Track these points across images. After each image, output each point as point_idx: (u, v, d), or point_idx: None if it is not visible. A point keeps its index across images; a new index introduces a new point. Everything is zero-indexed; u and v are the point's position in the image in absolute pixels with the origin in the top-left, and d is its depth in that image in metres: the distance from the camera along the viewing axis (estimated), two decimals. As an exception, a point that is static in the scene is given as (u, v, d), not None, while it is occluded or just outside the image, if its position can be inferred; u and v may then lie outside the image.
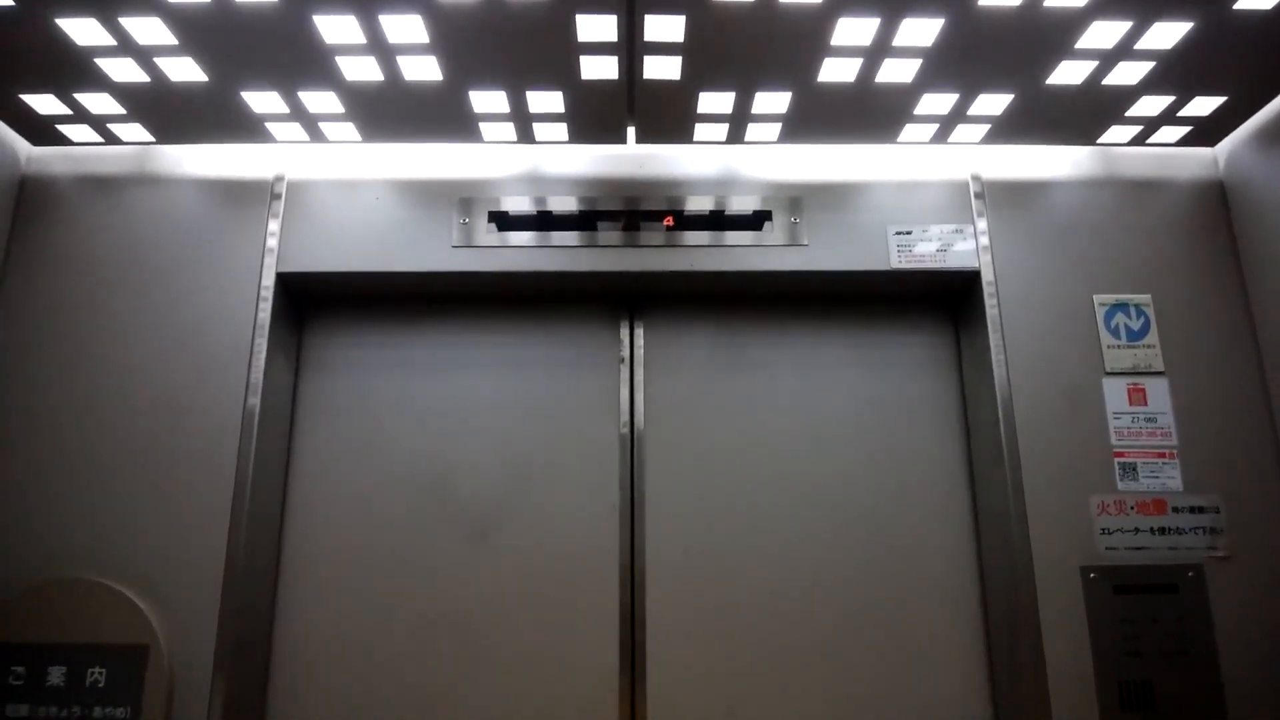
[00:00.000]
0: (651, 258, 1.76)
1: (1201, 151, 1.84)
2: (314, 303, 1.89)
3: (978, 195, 1.80)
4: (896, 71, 1.52)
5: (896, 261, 1.77)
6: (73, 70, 1.50)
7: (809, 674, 1.73)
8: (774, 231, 1.78)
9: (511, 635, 1.74)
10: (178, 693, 1.52)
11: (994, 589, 1.72)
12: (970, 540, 1.80)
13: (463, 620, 1.74)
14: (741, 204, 1.79)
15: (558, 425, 1.85)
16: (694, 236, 1.77)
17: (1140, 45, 1.45)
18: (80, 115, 1.66)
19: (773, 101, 1.61)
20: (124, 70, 1.50)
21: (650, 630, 1.74)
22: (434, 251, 1.76)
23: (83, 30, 1.39)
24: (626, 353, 1.88)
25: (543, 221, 1.78)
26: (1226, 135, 1.79)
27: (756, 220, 1.78)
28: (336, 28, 1.38)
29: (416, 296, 1.90)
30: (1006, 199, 1.80)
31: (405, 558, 1.78)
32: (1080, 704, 1.54)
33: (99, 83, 1.54)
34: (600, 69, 1.50)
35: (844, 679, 1.72)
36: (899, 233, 1.78)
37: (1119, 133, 1.75)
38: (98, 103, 1.61)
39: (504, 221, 1.77)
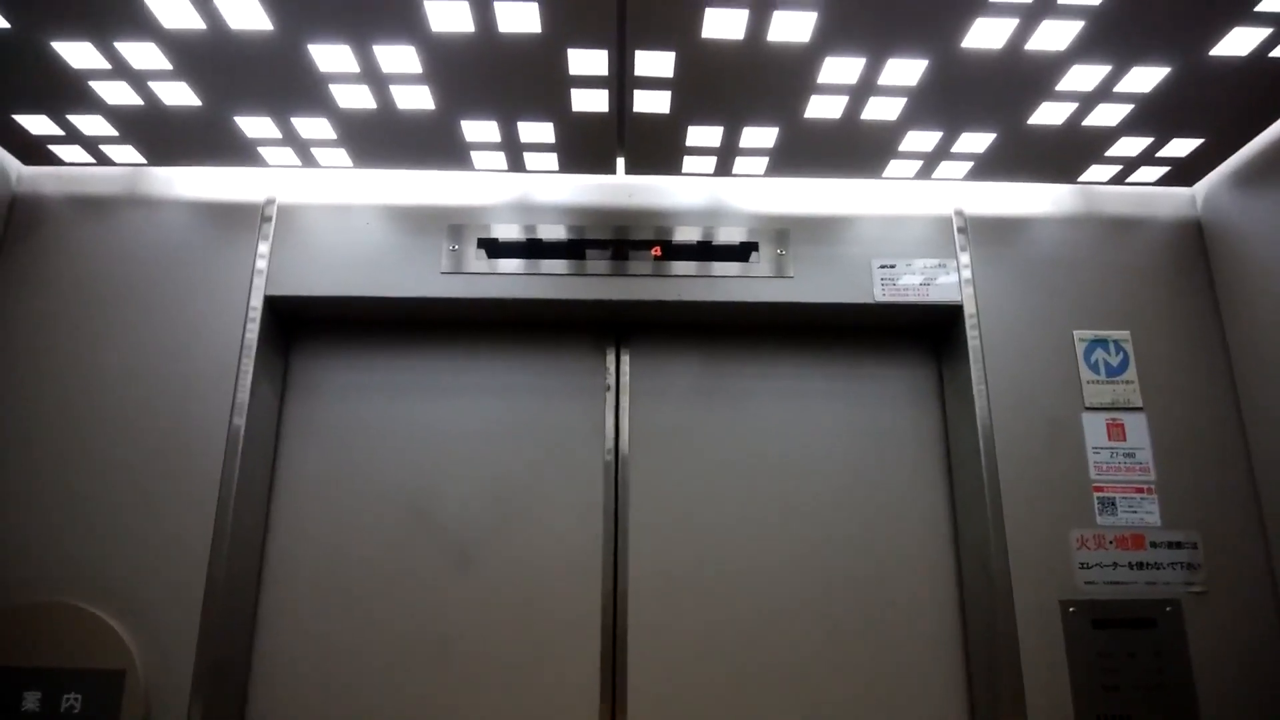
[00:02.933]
0: (639, 287, 1.78)
1: (1180, 191, 1.88)
2: (302, 326, 1.90)
3: (960, 230, 1.83)
4: (882, 109, 1.55)
5: (880, 294, 1.79)
6: (66, 92, 1.51)
7: (789, 702, 1.73)
8: (760, 263, 1.80)
9: (494, 658, 1.73)
10: (155, 717, 1.50)
11: (974, 621, 1.73)
12: (951, 571, 1.81)
13: (445, 644, 1.74)
14: (729, 235, 1.81)
15: (543, 450, 1.85)
16: (681, 266, 1.79)
17: (1120, 88, 1.48)
18: (72, 136, 1.66)
19: (760, 136, 1.64)
20: (117, 93, 1.51)
21: (632, 654, 1.74)
22: (423, 277, 1.77)
23: (77, 53, 1.40)
24: (612, 380, 1.89)
25: (532, 249, 1.79)
26: (1204, 176, 1.83)
27: (743, 251, 1.80)
28: (331, 57, 1.40)
29: (405, 321, 1.90)
30: (989, 234, 1.83)
31: (388, 581, 1.77)
32: (1059, 738, 1.55)
33: (92, 105, 1.55)
34: (591, 102, 1.52)
35: (824, 708, 1.72)
36: (883, 266, 1.81)
37: (1099, 172, 1.78)
38: (90, 124, 1.62)
39: (493, 248, 1.78)
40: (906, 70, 1.44)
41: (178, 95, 1.51)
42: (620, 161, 1.77)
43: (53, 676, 1.50)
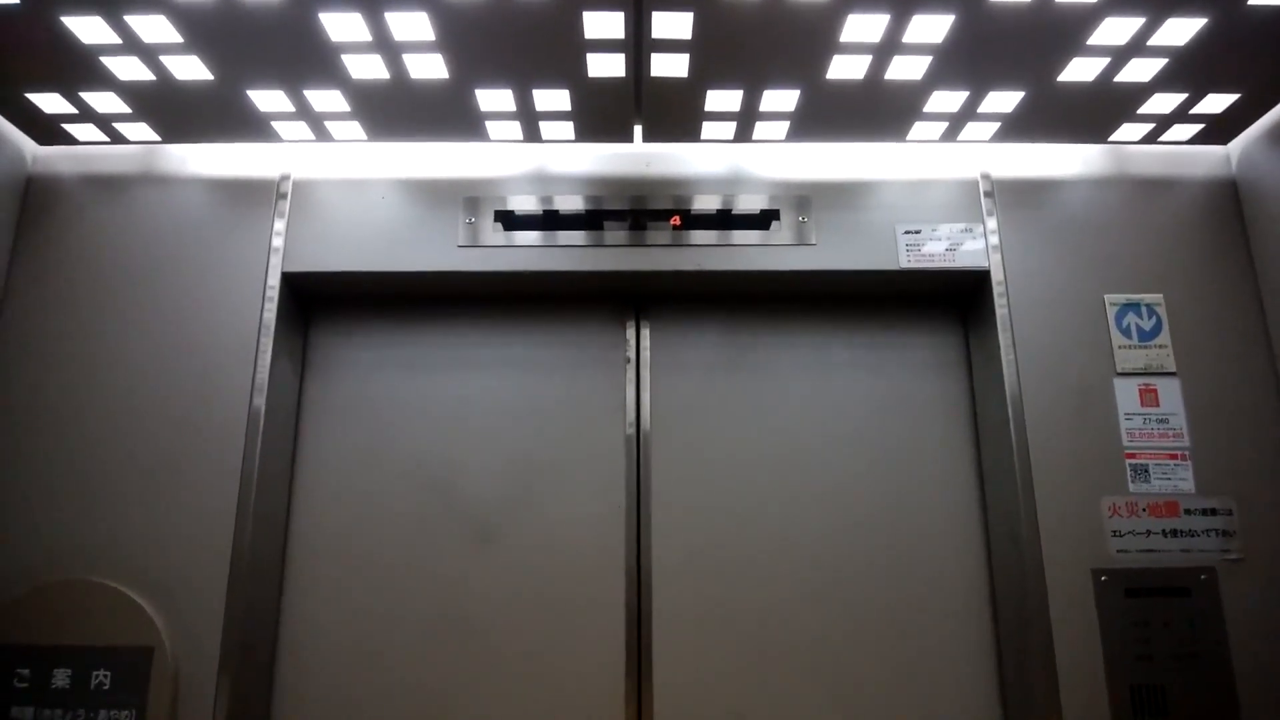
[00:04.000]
0: (658, 257, 1.75)
1: (1214, 150, 1.82)
2: (319, 302, 1.89)
3: (987, 194, 1.79)
4: (906, 69, 1.51)
5: (905, 261, 1.75)
6: (78, 69, 1.50)
7: (816, 676, 1.72)
8: (782, 231, 1.76)
9: (517, 636, 1.73)
10: (182, 694, 1.51)
11: (1004, 591, 1.70)
12: (980, 542, 1.78)
13: (468, 621, 1.74)
14: (749, 203, 1.78)
15: (563, 426, 1.84)
16: (701, 236, 1.76)
17: (1153, 42, 1.43)
18: (86, 114, 1.65)
19: (781, 99, 1.60)
20: (129, 69, 1.50)
21: (656, 632, 1.73)
22: (440, 251, 1.75)
23: (88, 28, 1.39)
24: (633, 353, 1.87)
25: (549, 221, 1.77)
26: (1239, 133, 1.77)
27: (764, 219, 1.77)
28: (342, 25, 1.37)
29: (422, 296, 1.89)
30: (1016, 198, 1.79)
31: (411, 558, 1.77)
32: (1092, 708, 1.52)
33: (105, 81, 1.54)
34: (607, 66, 1.49)
35: (852, 681, 1.71)
36: (908, 232, 1.77)
37: (1130, 130, 1.73)
38: (103, 102, 1.61)
39: (510, 221, 1.76)
40: (932, 26, 1.39)
41: (190, 69, 1.50)
42: (638, 129, 1.74)
43: (81, 654, 1.51)
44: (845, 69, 1.50)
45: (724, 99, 1.59)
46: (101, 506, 1.60)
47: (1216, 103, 1.64)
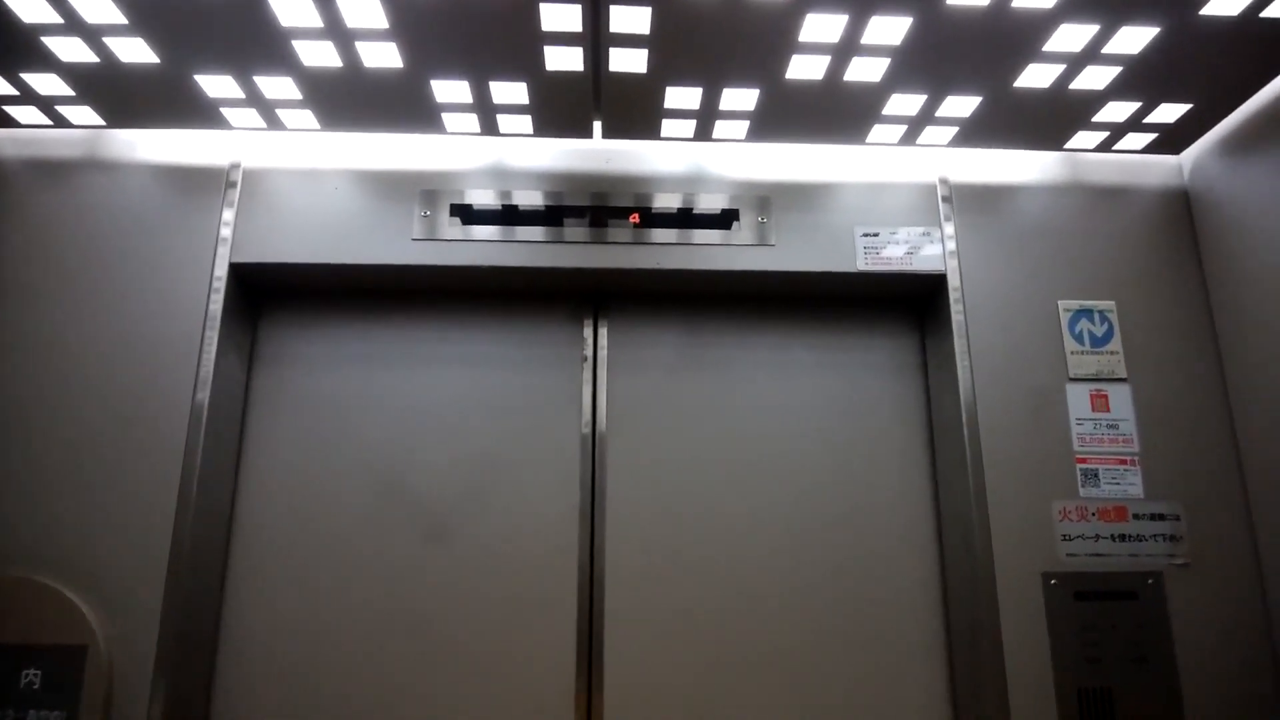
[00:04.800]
0: (617, 255, 1.74)
1: (1167, 160, 1.85)
2: (269, 295, 1.84)
3: (945, 199, 1.80)
4: (865, 70, 1.51)
5: (863, 263, 1.75)
6: (19, 49, 1.45)
7: (769, 677, 1.71)
8: (741, 231, 1.76)
9: (467, 634, 1.70)
10: (117, 694, 1.47)
11: (956, 593, 1.71)
12: (934, 543, 1.79)
13: (417, 619, 1.70)
14: (709, 202, 1.77)
15: (519, 423, 1.81)
16: (661, 234, 1.75)
17: (1107, 49, 1.45)
18: (27, 96, 1.60)
19: (741, 98, 1.59)
20: (72, 50, 1.45)
21: (609, 630, 1.71)
22: (394, 244, 1.72)
23: (29, 7, 1.34)
24: (590, 351, 1.85)
25: (507, 216, 1.75)
26: (1192, 143, 1.80)
27: (724, 219, 1.76)
28: (293, 10, 1.34)
29: (376, 290, 1.85)
30: (973, 203, 1.80)
31: (359, 555, 1.73)
32: (1040, 711, 1.53)
33: (46, 62, 1.49)
34: (565, 60, 1.47)
35: (805, 680, 1.70)
36: (866, 234, 1.77)
37: (1086, 139, 1.75)
38: (45, 84, 1.56)
39: (467, 215, 1.74)
40: (890, 28, 1.39)
41: (135, 51, 1.45)
42: (597, 125, 1.72)
43: (10, 652, 1.46)
44: (804, 69, 1.50)
45: (683, 96, 1.58)
46: (36, 500, 1.55)
47: (1169, 112, 1.66)
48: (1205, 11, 1.35)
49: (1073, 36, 1.41)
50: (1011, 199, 1.80)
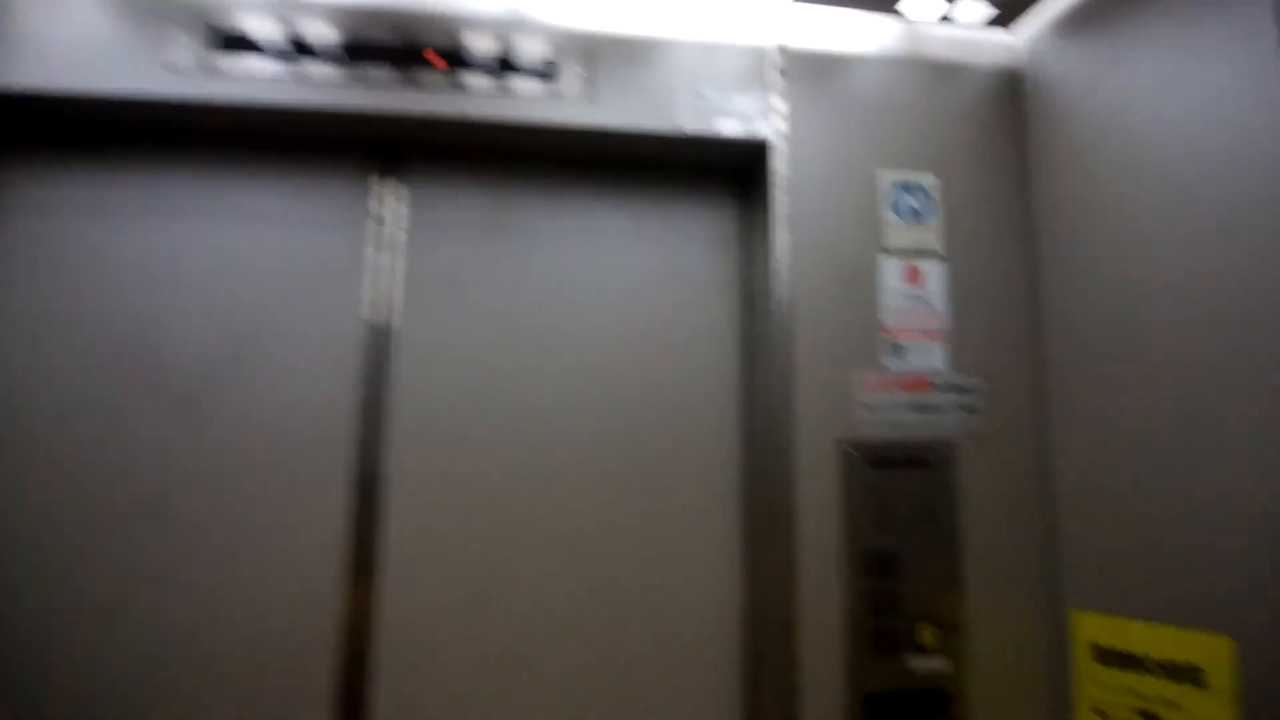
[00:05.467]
0: (419, 100, 1.60)
1: (1005, 39, 1.82)
2: (1, 129, 1.61)
3: (776, 66, 1.72)
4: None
5: (688, 125, 1.68)
6: None
7: (563, 555, 1.67)
8: (561, 84, 1.65)
9: (220, 519, 1.57)
10: None
11: (753, 461, 1.72)
12: (738, 419, 1.77)
13: (162, 501, 1.57)
14: (527, 48, 1.65)
15: (293, 288, 1.66)
16: (471, 81, 1.62)
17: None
18: None
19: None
20: None
21: (391, 509, 1.62)
22: (145, 73, 1.52)
23: None
24: (381, 211, 1.72)
25: (287, 49, 1.57)
26: (1023, 14, 1.76)
27: (543, 70, 1.65)
28: None
29: (129, 130, 1.64)
30: (808, 71, 1.73)
31: (98, 428, 1.57)
32: (826, 571, 1.56)
33: None
34: None
35: (598, 549, 1.68)
36: (693, 95, 1.69)
37: (920, 3, 1.70)
38: None
39: (234, 44, 1.56)
40: None
41: None
42: (401, -46, 1.57)
43: None
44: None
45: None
46: None
47: (999, -21, 1.62)
48: None
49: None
50: (845, 69, 1.75)
